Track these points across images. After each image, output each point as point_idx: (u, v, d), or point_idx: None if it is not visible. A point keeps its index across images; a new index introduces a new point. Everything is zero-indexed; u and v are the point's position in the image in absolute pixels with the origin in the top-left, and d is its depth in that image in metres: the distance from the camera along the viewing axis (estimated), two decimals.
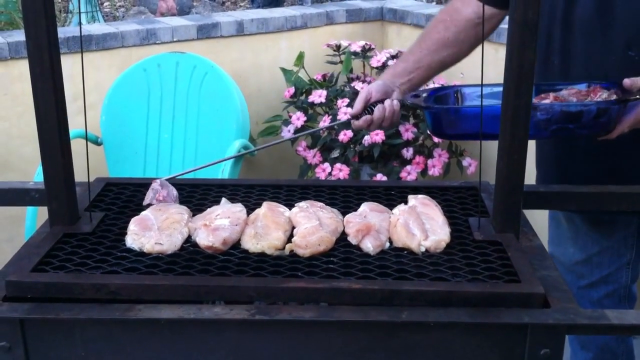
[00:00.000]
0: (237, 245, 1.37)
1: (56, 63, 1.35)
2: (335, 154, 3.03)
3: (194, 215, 1.47)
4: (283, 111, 3.28)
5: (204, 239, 1.35)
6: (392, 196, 1.60)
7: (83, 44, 3.01)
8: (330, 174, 2.97)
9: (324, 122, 2.99)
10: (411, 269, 1.28)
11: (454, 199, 1.60)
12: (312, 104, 3.11)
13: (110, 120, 3.05)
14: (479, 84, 1.50)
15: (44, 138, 1.38)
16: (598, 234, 1.91)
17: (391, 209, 1.48)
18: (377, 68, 3.20)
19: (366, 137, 2.93)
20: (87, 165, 1.44)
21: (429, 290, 1.21)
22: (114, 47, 3.13)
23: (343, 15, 3.61)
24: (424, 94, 1.79)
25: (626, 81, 1.61)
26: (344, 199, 1.60)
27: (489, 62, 1.45)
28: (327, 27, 3.58)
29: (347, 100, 3.00)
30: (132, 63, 3.10)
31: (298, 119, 3.06)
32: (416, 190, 1.61)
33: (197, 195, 1.62)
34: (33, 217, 2.72)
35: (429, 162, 3.00)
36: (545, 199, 1.65)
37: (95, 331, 1.21)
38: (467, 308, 1.20)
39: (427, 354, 1.20)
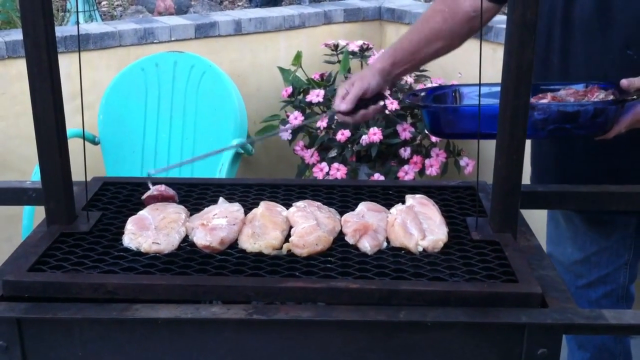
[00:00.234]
0: (234, 244, 1.37)
1: (54, 62, 1.34)
2: (333, 153, 3.03)
3: (191, 215, 1.47)
4: (281, 110, 3.28)
5: (201, 239, 1.35)
6: (390, 196, 1.60)
7: (81, 43, 3.00)
8: (327, 173, 2.97)
9: (322, 122, 2.99)
10: (409, 269, 1.28)
11: (452, 199, 1.60)
12: (310, 104, 3.11)
13: (107, 120, 3.04)
14: (477, 84, 1.50)
15: (41, 137, 1.38)
16: (597, 234, 1.91)
17: (389, 209, 1.48)
18: None
19: (364, 137, 2.93)
20: (85, 164, 1.44)
21: (426, 290, 1.21)
22: (112, 46, 3.12)
23: (341, 14, 3.60)
24: (422, 93, 1.79)
25: (623, 82, 1.61)
26: (341, 198, 1.59)
27: (487, 61, 1.45)
28: (325, 27, 3.58)
29: None
30: (129, 62, 3.09)
31: (296, 118, 3.06)
32: (414, 189, 1.61)
33: (194, 195, 1.62)
34: (30, 217, 2.72)
35: (427, 161, 3.00)
36: (544, 198, 1.65)
37: (93, 331, 1.20)
38: (465, 308, 1.20)
39: (425, 353, 1.20)
